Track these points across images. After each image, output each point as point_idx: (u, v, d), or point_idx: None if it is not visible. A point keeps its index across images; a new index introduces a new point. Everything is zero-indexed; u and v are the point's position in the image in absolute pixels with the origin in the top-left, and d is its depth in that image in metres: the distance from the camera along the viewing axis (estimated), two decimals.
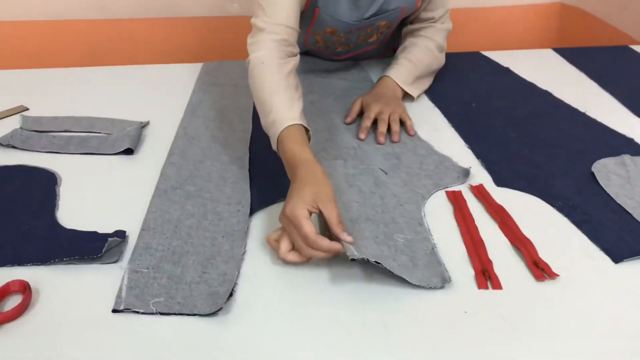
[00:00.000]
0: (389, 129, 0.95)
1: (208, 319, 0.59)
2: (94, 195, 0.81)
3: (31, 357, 0.55)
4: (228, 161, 0.87)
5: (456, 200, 0.79)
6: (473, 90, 1.14)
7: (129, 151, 0.91)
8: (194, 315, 0.60)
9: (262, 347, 0.56)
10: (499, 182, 0.83)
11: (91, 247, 0.67)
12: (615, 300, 0.62)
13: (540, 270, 0.65)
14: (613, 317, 0.59)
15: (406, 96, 1.09)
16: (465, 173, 0.84)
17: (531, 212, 0.76)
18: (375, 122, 0.97)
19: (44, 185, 0.82)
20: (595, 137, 0.95)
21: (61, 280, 0.65)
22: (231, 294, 0.62)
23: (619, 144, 0.93)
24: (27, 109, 1.07)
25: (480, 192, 0.80)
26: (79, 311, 0.60)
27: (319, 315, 0.60)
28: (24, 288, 0.62)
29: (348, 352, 0.56)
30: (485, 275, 0.65)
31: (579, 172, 0.85)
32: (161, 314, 0.59)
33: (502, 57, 1.31)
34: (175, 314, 0.60)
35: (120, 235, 0.70)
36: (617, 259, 0.67)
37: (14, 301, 0.62)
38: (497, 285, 0.63)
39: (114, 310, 0.60)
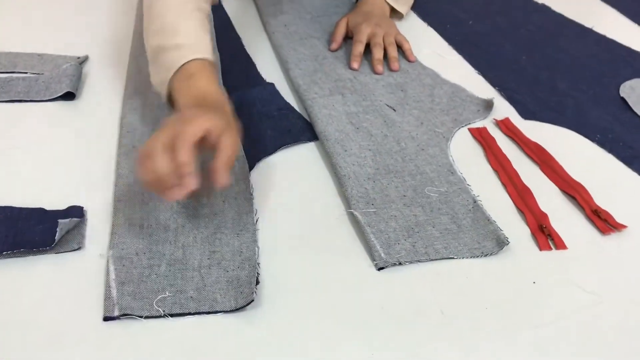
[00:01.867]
0: (385, 55, 0.80)
1: (228, 316, 0.45)
2: (30, 156, 0.62)
3: None
4: None
5: (484, 139, 0.66)
6: (464, 5, 1.00)
7: (69, 95, 0.71)
8: (215, 312, 0.45)
9: (295, 346, 0.44)
10: (526, 114, 0.71)
11: (40, 231, 0.51)
12: None
13: (603, 221, 0.55)
14: None
15: (393, 14, 0.93)
16: (488, 105, 0.71)
17: (570, 149, 0.66)
18: (367, 47, 0.81)
19: None
20: (611, 56, 0.85)
21: (13, 281, 0.48)
22: (257, 280, 0.48)
23: (638, 63, 0.83)
24: None
25: (508, 128, 0.68)
26: (52, 326, 0.45)
27: (364, 302, 0.47)
28: None
29: (403, 347, 0.44)
30: (545, 232, 0.54)
31: (607, 97, 0.75)
32: (171, 315, 0.45)
33: None
34: (189, 313, 0.45)
35: (77, 212, 0.53)
36: None
37: None
38: (560, 244, 0.53)
39: (106, 318, 0.44)
